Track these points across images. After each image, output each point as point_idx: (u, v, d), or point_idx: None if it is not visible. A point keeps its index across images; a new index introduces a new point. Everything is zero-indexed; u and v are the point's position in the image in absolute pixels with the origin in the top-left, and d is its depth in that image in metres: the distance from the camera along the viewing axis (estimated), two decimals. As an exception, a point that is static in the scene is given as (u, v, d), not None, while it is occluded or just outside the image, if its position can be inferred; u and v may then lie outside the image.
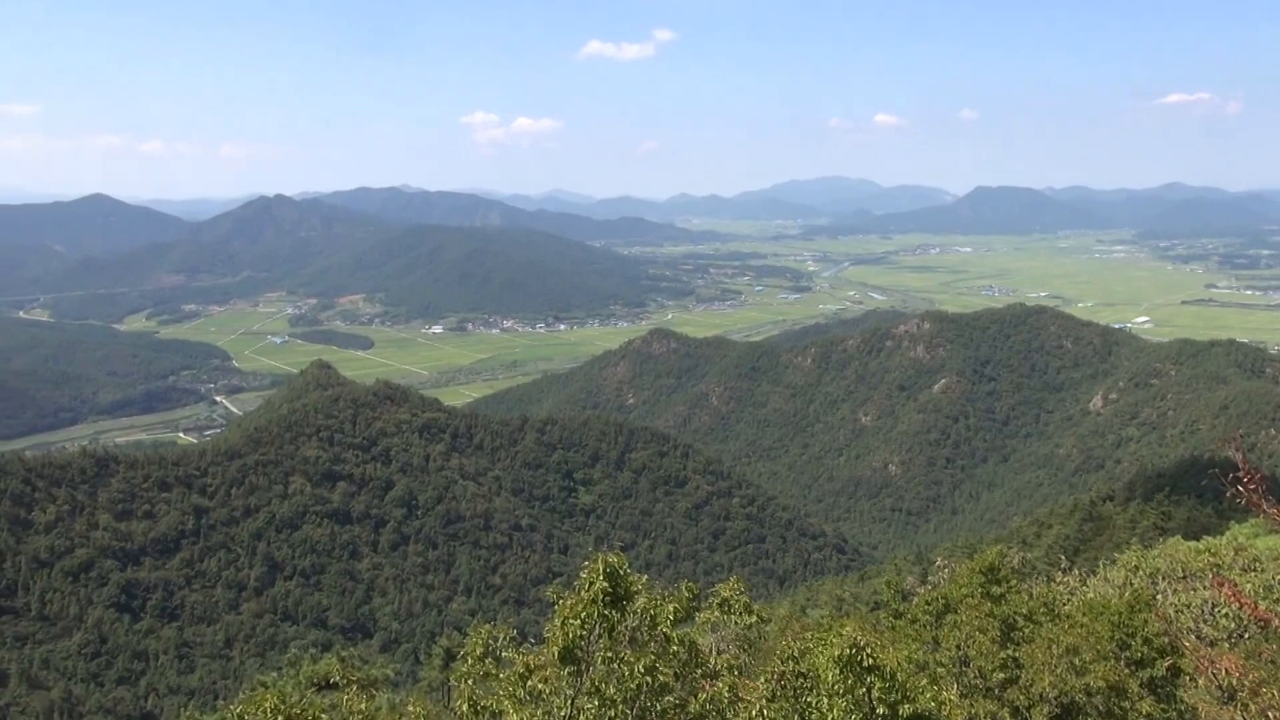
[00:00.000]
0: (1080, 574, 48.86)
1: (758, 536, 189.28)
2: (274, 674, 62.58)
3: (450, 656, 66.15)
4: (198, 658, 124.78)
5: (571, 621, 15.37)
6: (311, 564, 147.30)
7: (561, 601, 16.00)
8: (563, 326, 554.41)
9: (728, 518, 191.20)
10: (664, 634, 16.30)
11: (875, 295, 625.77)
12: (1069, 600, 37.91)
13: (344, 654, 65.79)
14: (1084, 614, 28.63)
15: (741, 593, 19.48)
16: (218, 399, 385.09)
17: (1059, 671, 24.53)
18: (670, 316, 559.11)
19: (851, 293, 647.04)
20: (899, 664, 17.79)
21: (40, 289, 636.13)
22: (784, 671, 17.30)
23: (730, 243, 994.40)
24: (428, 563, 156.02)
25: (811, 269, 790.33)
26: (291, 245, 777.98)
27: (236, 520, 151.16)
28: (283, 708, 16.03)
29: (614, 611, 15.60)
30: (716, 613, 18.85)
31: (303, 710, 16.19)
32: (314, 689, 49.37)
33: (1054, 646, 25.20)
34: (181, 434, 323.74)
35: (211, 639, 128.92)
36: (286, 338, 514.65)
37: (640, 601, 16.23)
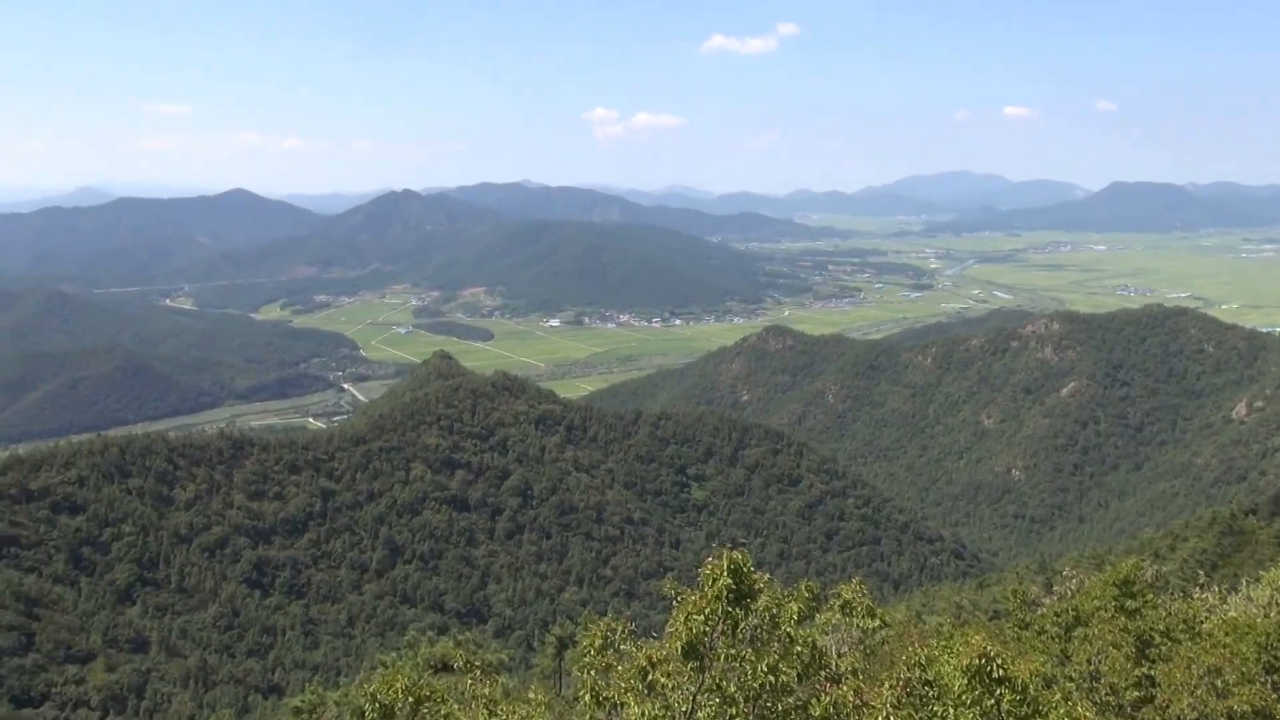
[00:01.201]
0: (1220, 591, 46.03)
1: (872, 538, 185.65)
2: (393, 654, 64.43)
3: (562, 645, 66.92)
4: (322, 635, 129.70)
5: (695, 617, 15.16)
6: (430, 549, 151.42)
7: (684, 597, 15.79)
8: (678, 322, 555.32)
9: (842, 518, 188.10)
10: (787, 634, 15.93)
11: (1000, 294, 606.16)
12: (1208, 618, 35.71)
13: (460, 638, 67.27)
14: (1226, 633, 26.94)
15: (864, 595, 18.91)
16: (345, 386, 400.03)
17: (1199, 693, 23.12)
18: (787, 313, 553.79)
19: (975, 291, 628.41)
20: (1030, 676, 17.00)
21: (185, 279, 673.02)
22: (910, 678, 16.71)
23: (850, 239, 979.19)
24: (541, 552, 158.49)
25: (934, 266, 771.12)
26: (417, 239, 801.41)
27: (360, 504, 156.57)
28: (413, 689, 16.33)
29: (737, 609, 15.31)
30: (838, 615, 18.34)
31: (431, 693, 16.46)
32: (431, 671, 50.56)
33: (1194, 666, 23.78)
34: (311, 419, 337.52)
35: (335, 617, 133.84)
36: (411, 328, 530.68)
37: (763, 600, 15.90)
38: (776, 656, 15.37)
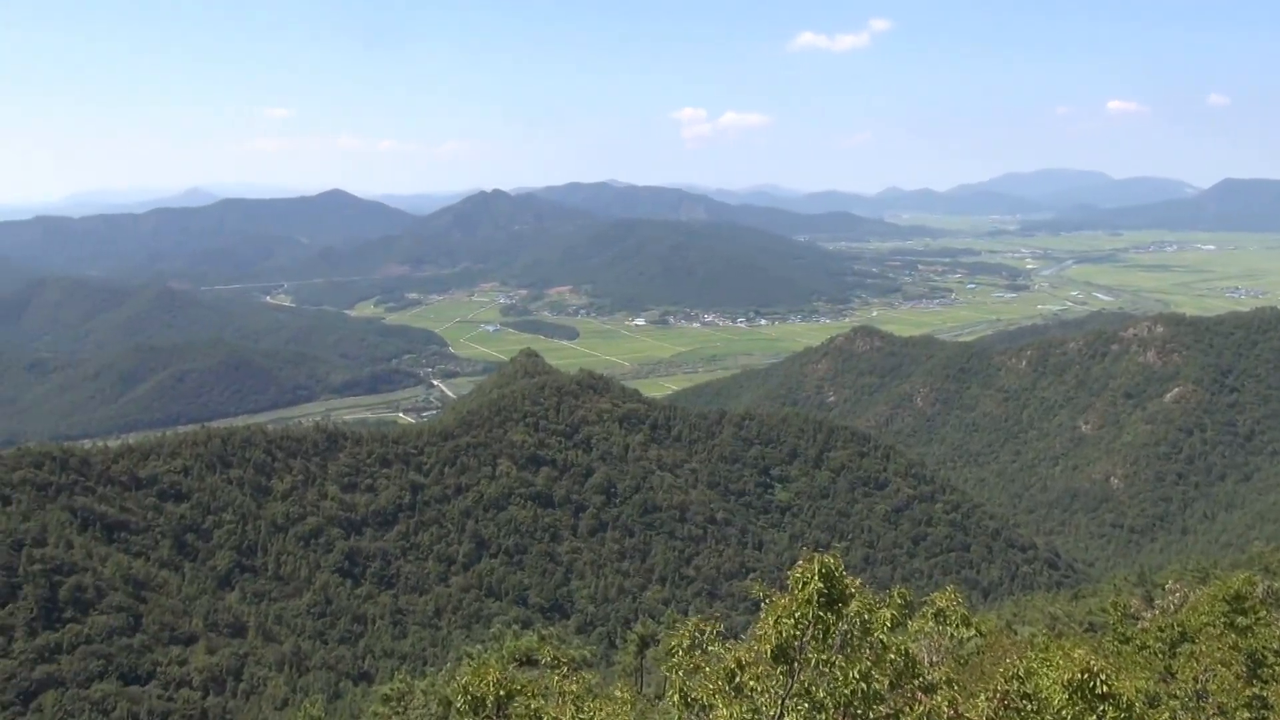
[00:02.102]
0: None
1: (961, 545, 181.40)
2: (479, 646, 65.23)
3: (644, 644, 66.84)
4: (410, 625, 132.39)
5: (785, 620, 14.90)
6: (515, 544, 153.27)
7: (773, 599, 15.54)
8: (764, 322, 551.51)
9: (929, 523, 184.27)
10: (879, 640, 15.53)
11: (1101, 295, 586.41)
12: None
13: (544, 633, 67.78)
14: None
15: (959, 604, 18.34)
16: (434, 382, 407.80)
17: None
18: (875, 314, 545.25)
19: (1074, 292, 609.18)
20: (1135, 694, 16.26)
21: (285, 276, 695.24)
22: (1007, 691, 16.13)
23: (941, 238, 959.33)
24: (624, 550, 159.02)
25: (1030, 266, 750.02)
26: (505, 238, 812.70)
27: (448, 498, 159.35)
28: (503, 683, 16.45)
29: (828, 613, 15.00)
30: (930, 623, 17.83)
31: (521, 687, 16.56)
32: (516, 664, 51.04)
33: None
34: (401, 414, 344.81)
35: (422, 608, 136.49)
36: (498, 326, 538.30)
37: (854, 605, 15.54)
38: (868, 663, 15.01)
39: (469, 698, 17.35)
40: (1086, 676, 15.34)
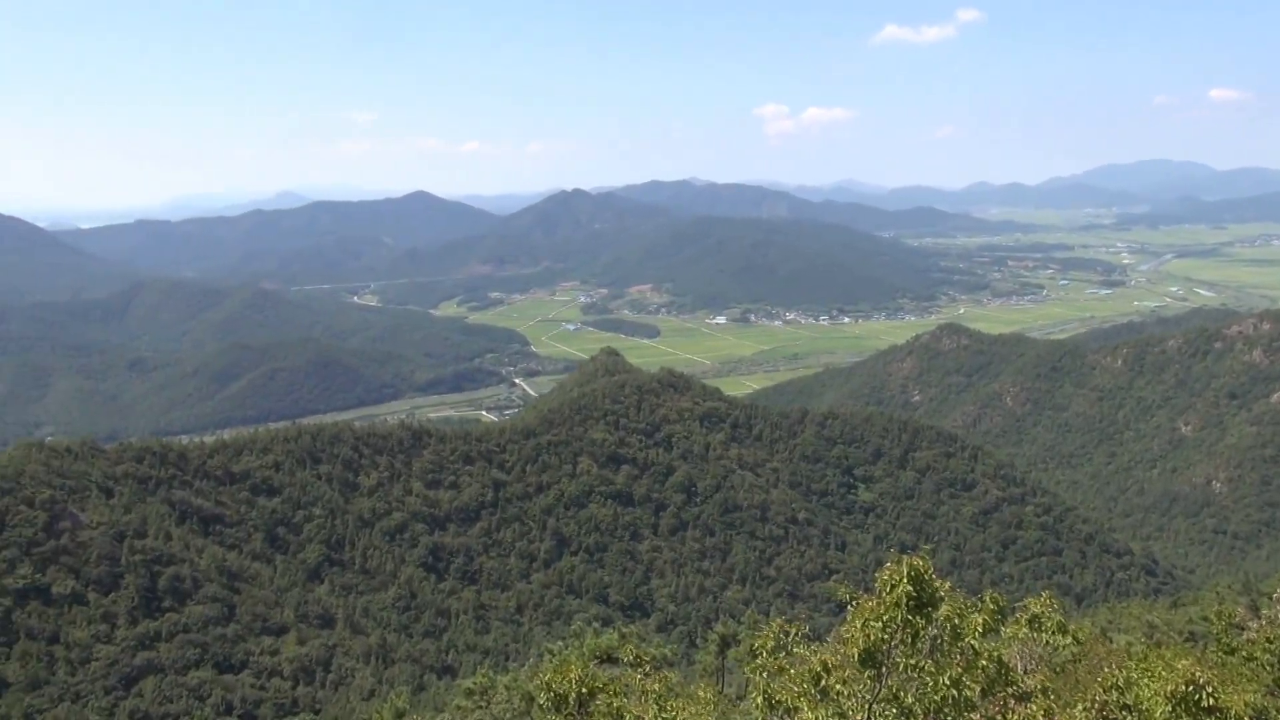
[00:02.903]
0: None
1: (1053, 549, 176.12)
2: (560, 643, 65.52)
3: (725, 644, 66.32)
4: (492, 620, 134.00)
5: (873, 624, 14.43)
6: (595, 541, 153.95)
7: (860, 602, 15.07)
8: (847, 320, 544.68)
9: (1019, 526, 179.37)
10: (971, 646, 14.93)
11: (1202, 291, 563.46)
12: None
13: (624, 630, 67.77)
14: None
15: (1055, 610, 17.57)
16: (516, 381, 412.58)
17: None
18: (962, 311, 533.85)
19: (1174, 288, 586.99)
20: (1243, 708, 15.34)
21: (371, 277, 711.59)
22: (1106, 701, 15.37)
23: (1032, 233, 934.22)
24: (704, 549, 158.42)
25: (1126, 261, 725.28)
26: (586, 237, 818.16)
27: (530, 495, 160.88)
28: (586, 680, 16.33)
29: (918, 617, 14.47)
30: (1025, 629, 17.10)
31: (604, 684, 16.42)
32: (596, 662, 51.08)
33: None
34: (484, 412, 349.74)
35: (504, 604, 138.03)
36: (579, 325, 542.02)
37: (944, 609, 14.98)
38: (959, 669, 14.43)
39: (552, 694, 17.29)
40: (1191, 688, 14.52)
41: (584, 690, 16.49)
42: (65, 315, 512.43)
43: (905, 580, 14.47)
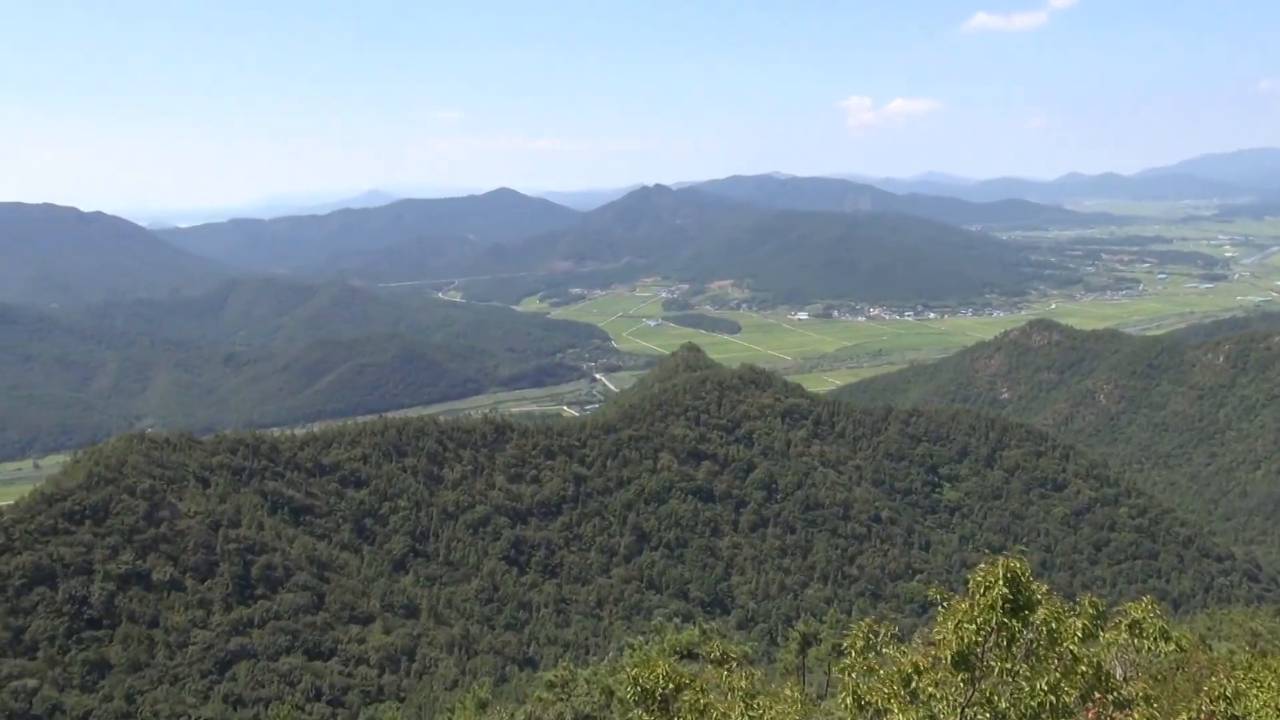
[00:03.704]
0: None
1: (1148, 552, 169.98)
2: (640, 638, 65.60)
3: (806, 642, 65.58)
4: (572, 614, 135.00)
5: (967, 626, 13.92)
6: (676, 537, 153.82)
7: (953, 603, 14.57)
8: (932, 315, 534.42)
9: (1113, 528, 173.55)
10: (1069, 651, 14.32)
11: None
12: None
13: (705, 627, 67.50)
14: None
15: (1156, 615, 16.76)
16: (597, 376, 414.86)
17: None
18: (1053, 306, 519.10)
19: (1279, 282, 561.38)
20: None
21: (456, 273, 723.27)
22: (1213, 712, 14.60)
23: (1128, 225, 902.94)
24: (785, 546, 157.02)
25: (1229, 255, 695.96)
26: (667, 232, 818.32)
27: (610, 490, 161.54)
28: (673, 676, 16.18)
29: (1014, 620, 13.92)
30: (1124, 635, 16.35)
31: (691, 680, 16.25)
32: (677, 658, 50.93)
33: None
34: (565, 407, 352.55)
35: (585, 598, 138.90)
36: (660, 321, 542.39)
37: (1041, 613, 14.39)
38: (1057, 675, 13.84)
39: (639, 689, 17.18)
40: (1309, 701, 13.67)
41: (671, 686, 16.34)
42: (164, 311, 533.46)
43: (1001, 582, 13.93)
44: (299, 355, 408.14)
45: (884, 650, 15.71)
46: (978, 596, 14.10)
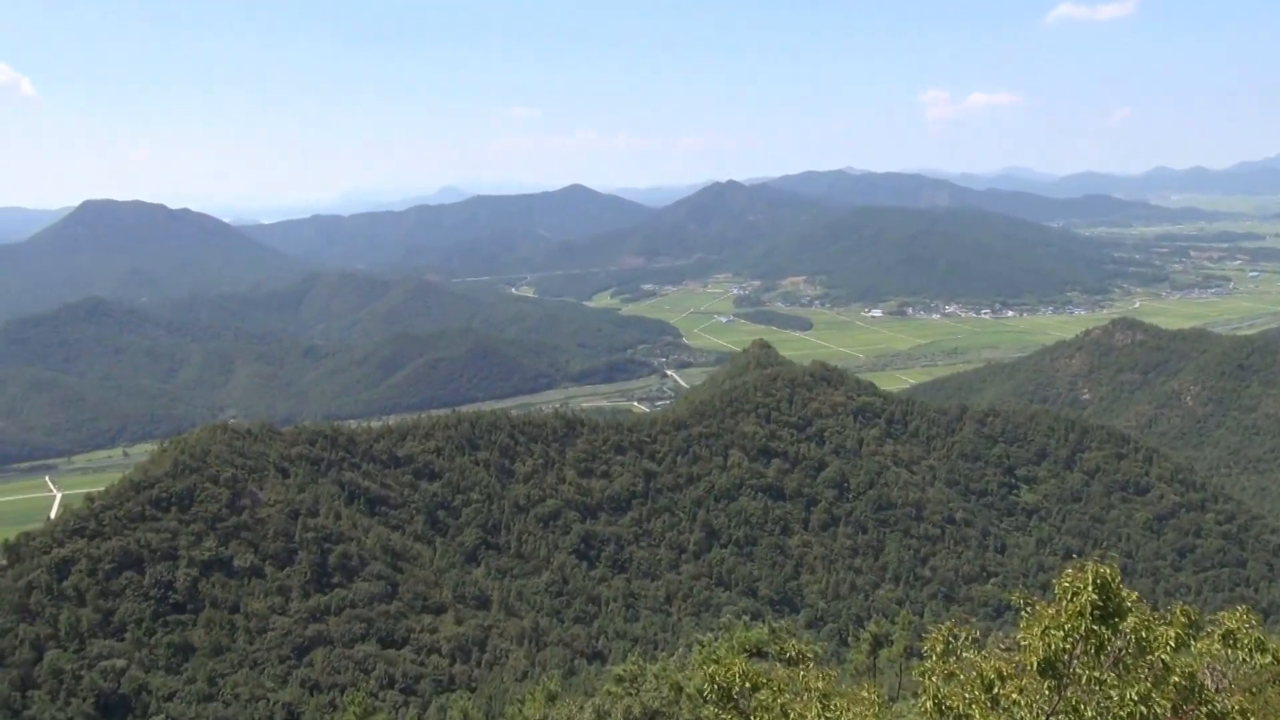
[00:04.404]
0: None
1: (1236, 560, 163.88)
2: (709, 634, 65.32)
3: (878, 643, 64.59)
4: (641, 609, 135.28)
5: (1053, 632, 13.47)
6: (745, 535, 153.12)
7: (1039, 609, 14.12)
8: (1011, 313, 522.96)
9: (1198, 534, 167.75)
10: (1161, 661, 13.77)
11: None
12: None
13: (774, 625, 66.94)
14: None
15: (1251, 626, 16.02)
16: (668, 372, 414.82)
17: None
18: (1137, 305, 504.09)
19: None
20: None
21: (528, 268, 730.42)
22: (1314, 730, 13.89)
23: (1218, 221, 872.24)
24: (856, 546, 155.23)
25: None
26: (739, 229, 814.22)
27: (680, 487, 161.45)
28: (749, 674, 16.03)
29: (1103, 628, 13.43)
30: (1217, 645, 15.66)
31: (768, 680, 16.08)
32: (746, 655, 50.58)
33: None
34: (635, 403, 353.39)
35: (654, 593, 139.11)
36: (731, 317, 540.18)
37: (1131, 621, 13.86)
38: (1148, 685, 13.31)
39: (715, 687, 17.04)
40: None
41: (748, 684, 16.16)
42: (247, 305, 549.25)
43: (1090, 588, 13.44)
44: (375, 349, 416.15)
45: (964, 654, 15.32)
46: (1065, 602, 13.64)
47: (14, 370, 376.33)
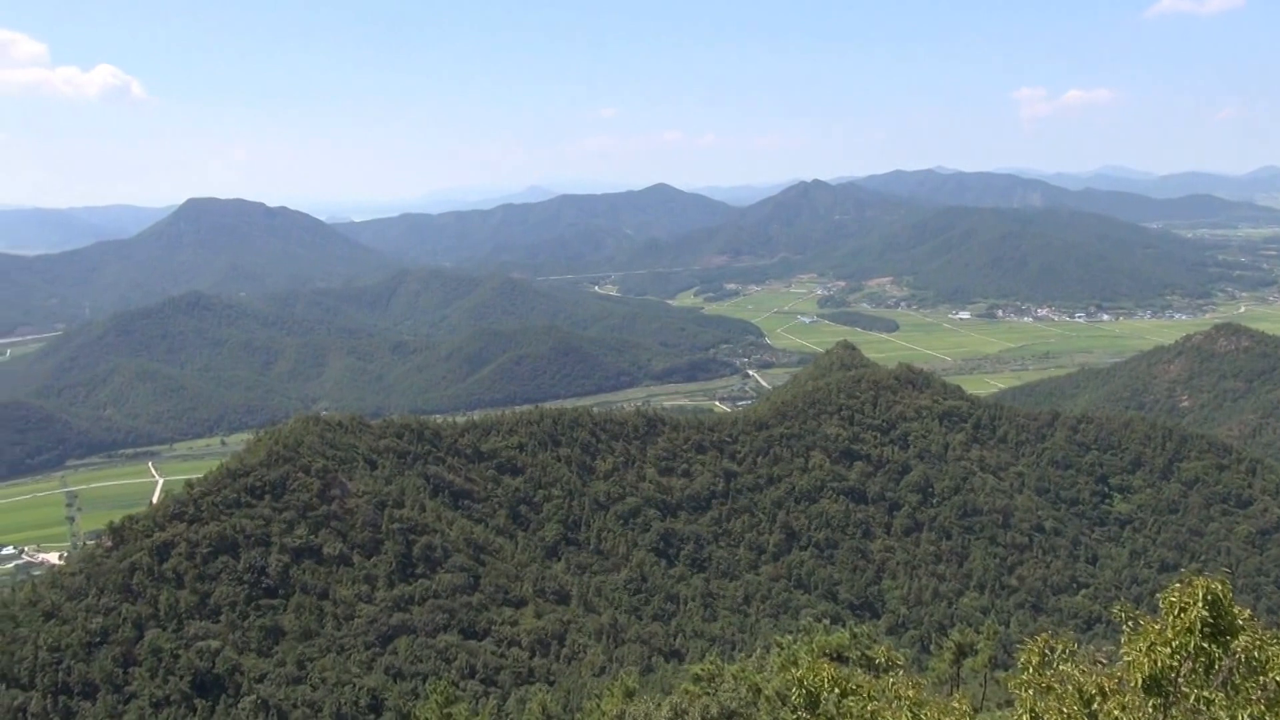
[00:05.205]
0: None
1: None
2: (788, 637, 64.70)
3: (961, 652, 63.21)
4: (719, 609, 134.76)
5: (1160, 649, 12.94)
6: (826, 537, 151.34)
7: (1145, 624, 13.58)
8: (1106, 317, 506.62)
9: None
10: (1276, 682, 13.10)
11: None
12: None
13: (856, 630, 66.00)
14: None
15: (1371, 648, 15.17)
16: (750, 372, 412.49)
17: None
18: (1242, 309, 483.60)
19: None
20: None
21: (612, 267, 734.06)
22: None
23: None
24: (940, 552, 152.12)
25: None
26: (824, 229, 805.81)
27: (760, 487, 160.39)
28: (839, 680, 15.82)
29: (1213, 646, 12.85)
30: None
31: (857, 686, 15.84)
32: (826, 659, 49.94)
33: None
34: (717, 402, 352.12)
35: (732, 594, 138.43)
36: (815, 318, 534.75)
37: (1242, 639, 13.23)
38: (1260, 707, 12.70)
39: (804, 691, 16.83)
40: None
41: (838, 691, 15.91)
42: (340, 300, 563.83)
43: (1200, 604, 12.87)
44: (461, 345, 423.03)
45: (1060, 667, 14.83)
46: (1172, 617, 13.09)
47: (121, 361, 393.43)
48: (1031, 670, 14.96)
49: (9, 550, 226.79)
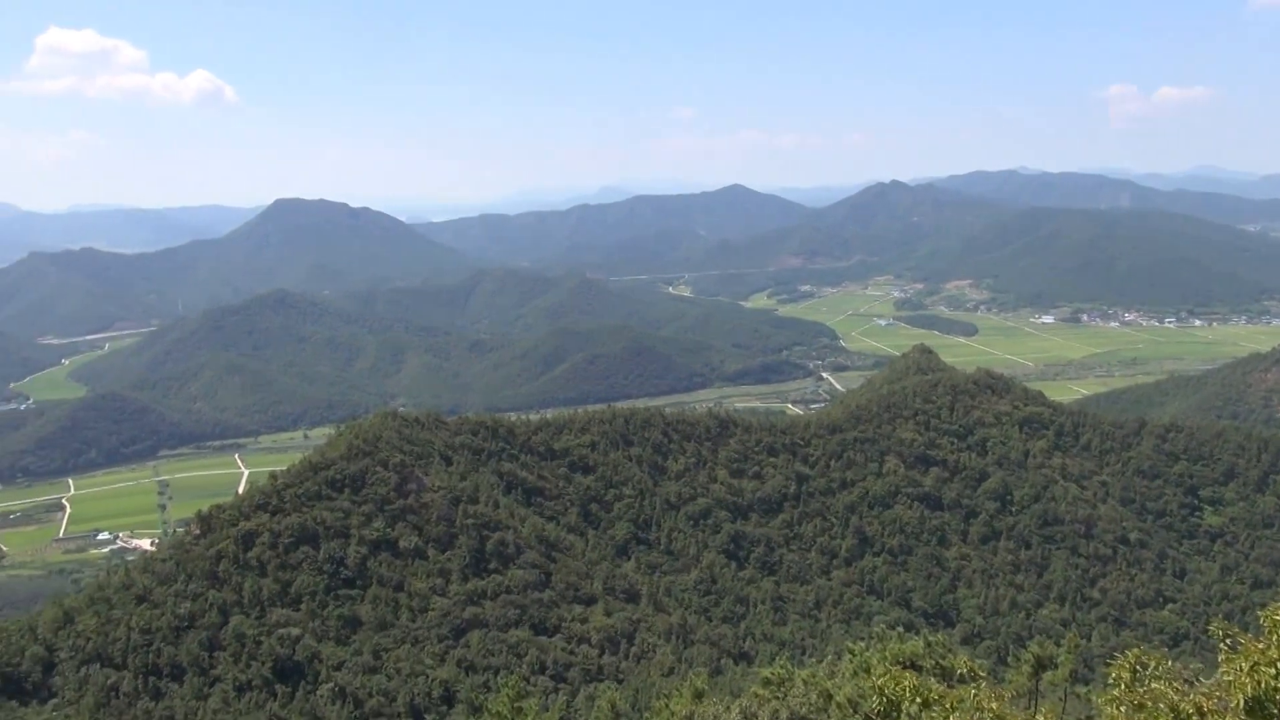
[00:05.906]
0: None
1: None
2: (861, 643, 63.78)
3: (1040, 665, 61.50)
4: (789, 613, 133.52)
5: (1264, 669, 12.34)
6: (899, 544, 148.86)
7: (1248, 643, 12.95)
8: (1198, 322, 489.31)
9: None
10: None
11: None
12: None
13: (930, 639, 64.73)
14: None
15: None
16: (824, 375, 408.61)
17: None
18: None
19: None
20: None
21: (686, 268, 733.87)
22: None
23: None
24: (1018, 562, 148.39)
25: None
26: (902, 230, 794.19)
27: (833, 491, 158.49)
28: (920, 689, 15.48)
29: (1320, 667, 12.21)
30: None
31: (939, 696, 15.47)
32: (899, 668, 49.05)
33: None
34: (789, 404, 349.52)
35: (803, 598, 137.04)
36: (891, 320, 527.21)
37: (1353, 661, 12.55)
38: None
39: (884, 700, 16.50)
40: None
41: (919, 700, 15.53)
42: (418, 299, 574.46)
43: (1309, 623, 12.24)
44: (536, 344, 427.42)
45: (1152, 684, 14.24)
46: (1277, 637, 12.46)
47: (210, 355, 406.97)
48: (1123, 687, 14.40)
49: (105, 535, 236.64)
